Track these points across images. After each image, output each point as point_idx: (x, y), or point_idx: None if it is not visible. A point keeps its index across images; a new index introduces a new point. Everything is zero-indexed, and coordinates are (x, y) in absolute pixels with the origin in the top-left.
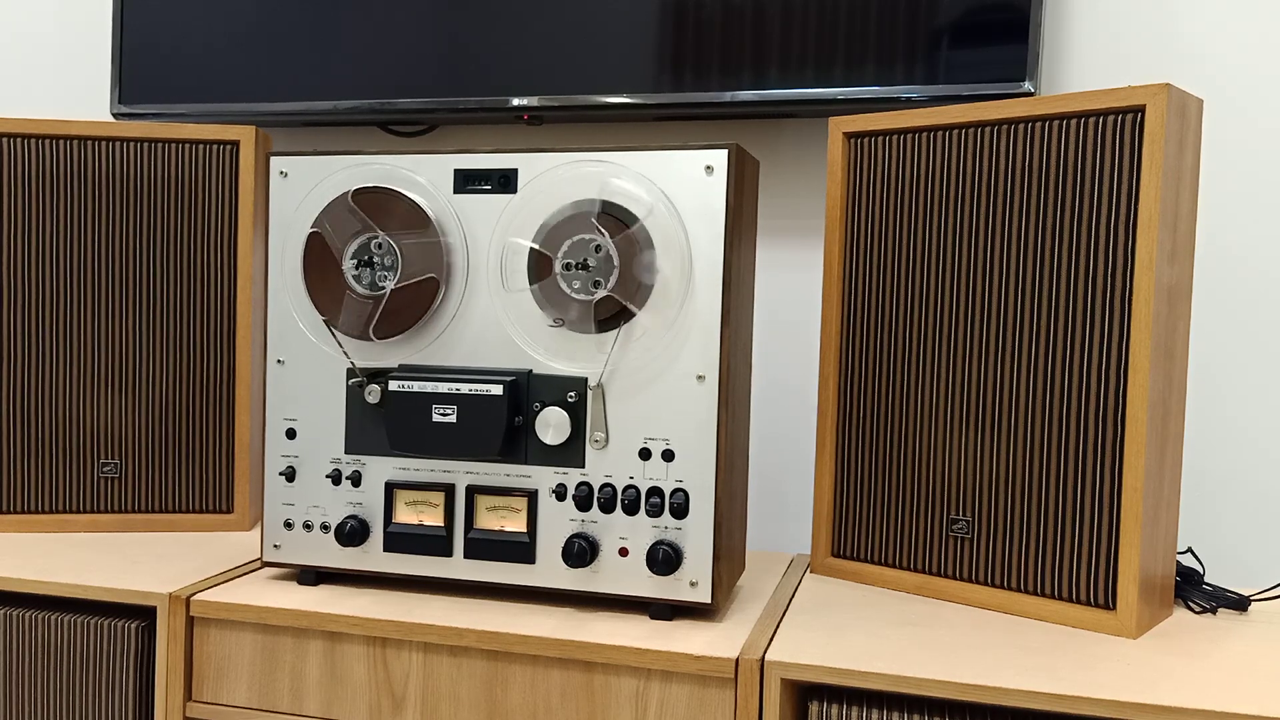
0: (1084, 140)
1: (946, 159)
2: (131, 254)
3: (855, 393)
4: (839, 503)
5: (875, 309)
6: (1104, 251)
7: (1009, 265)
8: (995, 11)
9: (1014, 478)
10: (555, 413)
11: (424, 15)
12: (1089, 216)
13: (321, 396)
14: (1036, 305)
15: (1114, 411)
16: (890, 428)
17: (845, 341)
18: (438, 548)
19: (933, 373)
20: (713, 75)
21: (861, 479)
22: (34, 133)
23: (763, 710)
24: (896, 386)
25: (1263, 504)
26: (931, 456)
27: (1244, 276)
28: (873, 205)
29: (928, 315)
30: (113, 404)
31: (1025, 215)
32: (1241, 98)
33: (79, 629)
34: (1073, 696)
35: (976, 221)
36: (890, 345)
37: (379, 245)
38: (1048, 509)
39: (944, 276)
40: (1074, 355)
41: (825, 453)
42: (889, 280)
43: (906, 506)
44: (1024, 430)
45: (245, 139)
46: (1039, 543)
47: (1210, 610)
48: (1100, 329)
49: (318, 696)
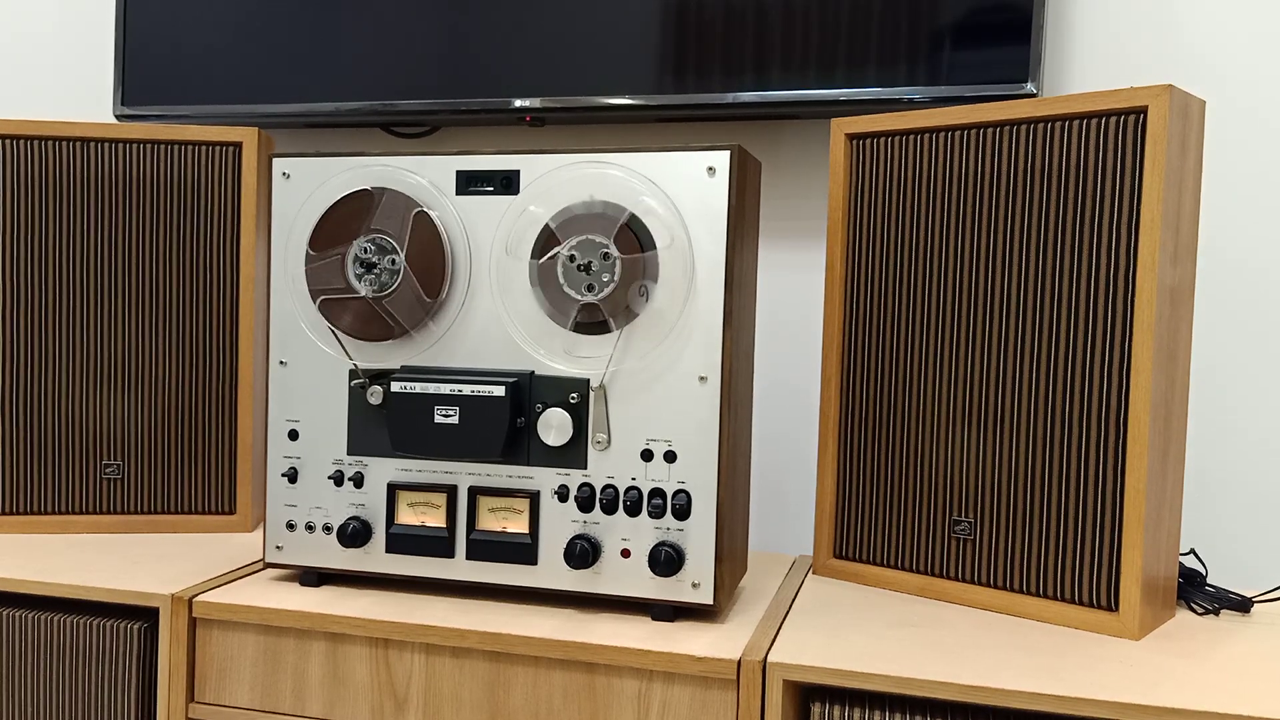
0: (1086, 141)
1: (949, 160)
2: (134, 255)
3: (857, 394)
4: (841, 504)
5: (877, 310)
6: (1106, 253)
7: (1011, 266)
8: (997, 13)
9: (1016, 479)
10: (557, 414)
11: (426, 17)
12: (1091, 218)
13: (324, 398)
14: (1039, 306)
15: (1116, 412)
16: (892, 429)
17: (847, 343)
18: (440, 549)
19: (935, 374)
20: (715, 76)
21: (863, 480)
22: (37, 134)
23: (765, 712)
24: (899, 388)
25: (1265, 505)
26: (933, 457)
27: (1246, 277)
28: (875, 206)
29: (929, 316)
30: (116, 405)
31: (1028, 217)
32: (1244, 99)
33: (81, 630)
34: (1075, 698)
35: (979, 223)
36: (892, 347)
37: (381, 247)
38: (1050, 510)
39: (946, 278)
40: (1076, 356)
41: (827, 454)
42: (891, 281)
43: (908, 508)
44: (1026, 431)
45: (248, 140)
46: (1041, 544)
47: (1213, 612)
48: (1102, 330)
49: (320, 697)
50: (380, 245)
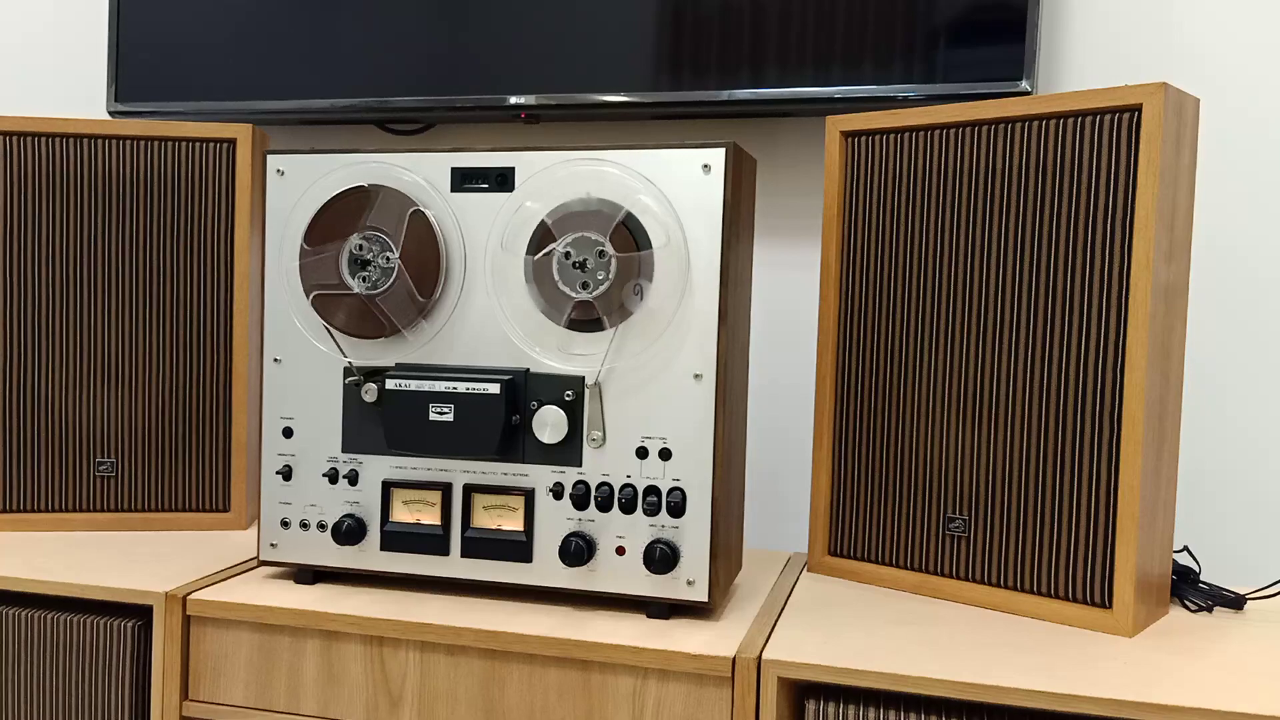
0: (1081, 139)
1: (944, 158)
2: (128, 252)
3: (852, 391)
4: (836, 501)
5: (872, 308)
6: (1101, 250)
7: (1006, 264)
8: (992, 10)
9: (1011, 476)
10: (552, 411)
11: (421, 14)
12: (1086, 215)
13: (319, 395)
14: (1033, 304)
15: (1111, 410)
16: (887, 426)
17: (842, 340)
18: (435, 547)
19: (930, 371)
20: (710, 74)
21: (859, 478)
22: (30, 130)
23: (759, 709)
24: (894, 385)
25: (1259, 503)
26: (929, 455)
27: (1241, 275)
28: (870, 204)
29: (925, 314)
30: (110, 402)
31: (1022, 214)
32: (1239, 97)
33: (75, 628)
34: (1069, 695)
35: (974, 220)
36: (887, 344)
37: (376, 243)
38: (1045, 507)
39: (941, 275)
40: (1071, 354)
41: (822, 451)
42: (886, 279)
43: (904, 505)
44: (1021, 429)
45: (242, 137)
46: (1036, 541)
47: (1206, 609)
48: (1097, 328)
49: (314, 696)
50: (375, 242)
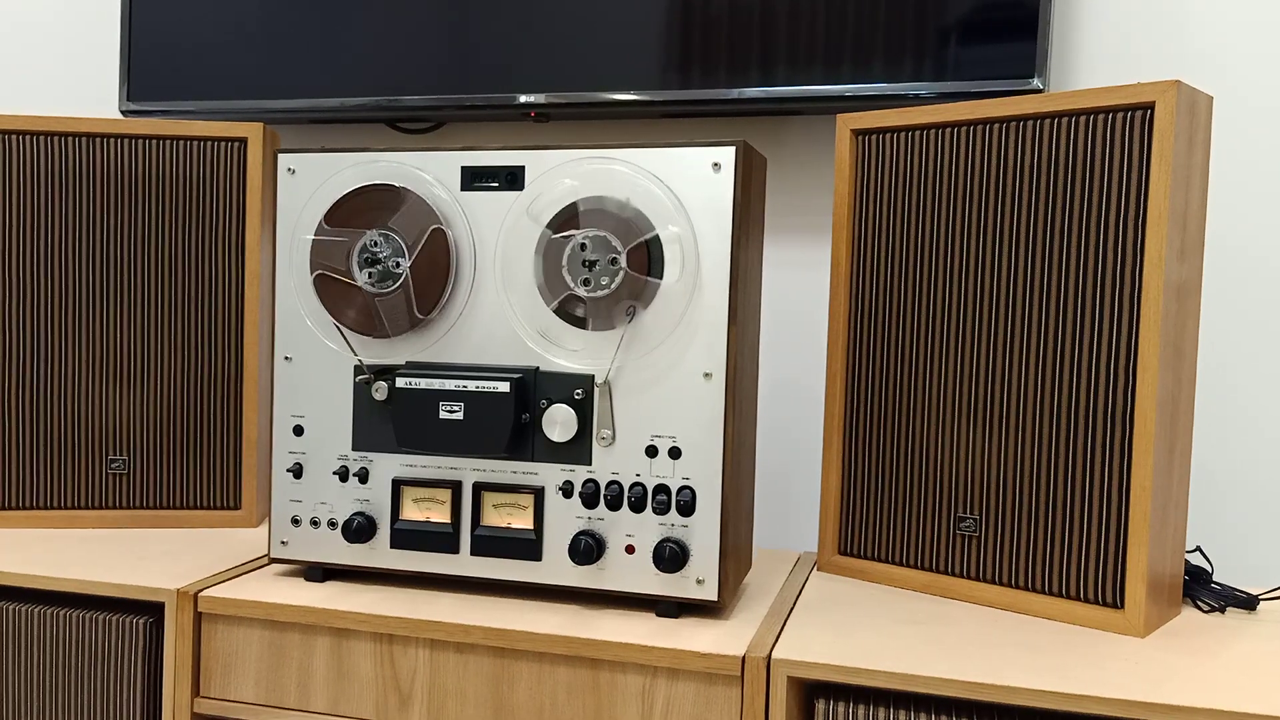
0: (1093, 137)
1: (955, 156)
2: (140, 251)
3: (862, 390)
4: (846, 500)
5: (883, 306)
6: (1113, 249)
7: (1017, 262)
8: (1004, 8)
9: (1022, 476)
10: (562, 410)
11: (431, 12)
12: (1098, 214)
13: (329, 393)
14: (1045, 302)
15: (1123, 409)
16: (898, 425)
17: (852, 339)
18: (444, 544)
19: (940, 370)
20: (720, 72)
21: (868, 477)
22: (43, 130)
23: (769, 708)
24: (904, 384)
25: (1272, 502)
26: (939, 454)
27: (1254, 273)
28: (881, 202)
29: (936, 313)
30: (121, 400)
31: (1034, 212)
32: (1252, 95)
33: (87, 625)
34: (1080, 695)
35: (985, 219)
36: (898, 343)
37: (386, 242)
38: (1056, 507)
39: (952, 274)
40: (1083, 353)
41: (832, 450)
42: (897, 278)
43: (914, 504)
44: (1032, 428)
45: (253, 136)
46: (1047, 541)
47: (1218, 609)
48: (1109, 326)
49: (325, 693)
50: (390, 244)
